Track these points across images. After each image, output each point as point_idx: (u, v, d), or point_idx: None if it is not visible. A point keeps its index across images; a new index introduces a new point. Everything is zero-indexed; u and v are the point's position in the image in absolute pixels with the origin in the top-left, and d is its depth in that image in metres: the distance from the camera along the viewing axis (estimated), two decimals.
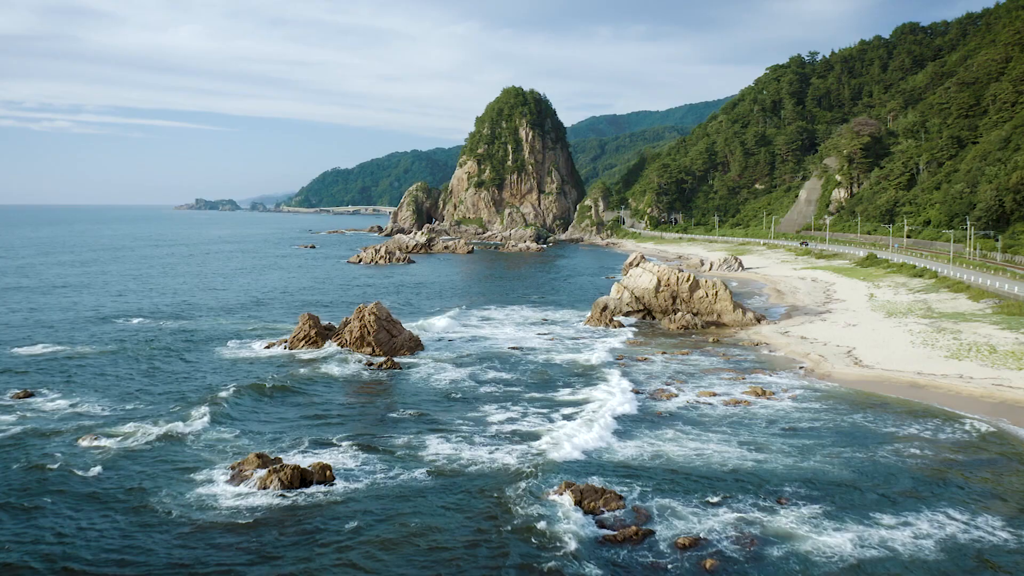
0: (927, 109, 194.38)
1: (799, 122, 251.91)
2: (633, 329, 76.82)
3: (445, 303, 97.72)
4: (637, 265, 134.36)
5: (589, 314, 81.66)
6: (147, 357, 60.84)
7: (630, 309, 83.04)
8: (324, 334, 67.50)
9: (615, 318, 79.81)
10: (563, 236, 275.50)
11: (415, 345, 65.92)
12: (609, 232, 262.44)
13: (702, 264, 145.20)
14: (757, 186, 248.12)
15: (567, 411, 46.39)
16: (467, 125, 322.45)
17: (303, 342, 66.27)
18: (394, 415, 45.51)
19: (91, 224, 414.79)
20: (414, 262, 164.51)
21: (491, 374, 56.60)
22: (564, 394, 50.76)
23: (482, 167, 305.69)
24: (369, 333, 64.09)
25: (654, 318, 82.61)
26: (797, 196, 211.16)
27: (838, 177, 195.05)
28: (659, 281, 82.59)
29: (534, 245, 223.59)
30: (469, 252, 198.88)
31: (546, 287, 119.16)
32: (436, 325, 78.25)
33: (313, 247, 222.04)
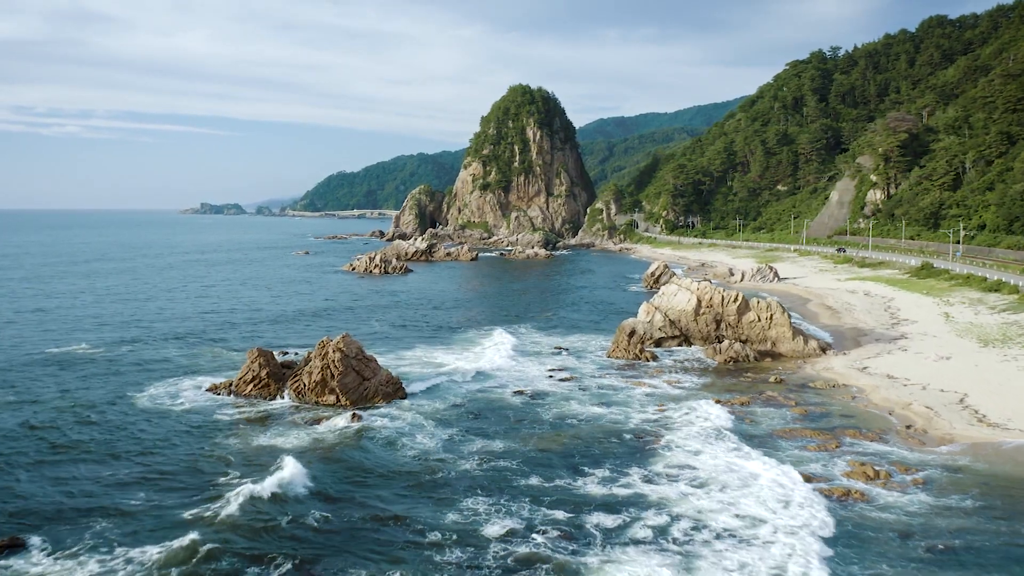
0: (969, 103, 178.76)
1: (823, 120, 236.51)
2: (669, 363, 61.91)
3: (440, 326, 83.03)
4: (661, 275, 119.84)
5: (613, 341, 66.79)
6: (38, 412, 46.14)
7: (663, 335, 68.00)
8: (279, 374, 52.89)
9: (646, 347, 64.88)
10: (573, 241, 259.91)
11: (393, 390, 51.19)
12: (622, 237, 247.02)
13: (731, 274, 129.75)
14: (779, 187, 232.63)
15: (603, 519, 31.20)
16: (473, 128, 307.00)
17: (251, 385, 51.75)
18: (343, 528, 30.65)
19: (88, 229, 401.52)
20: (412, 271, 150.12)
21: (488, 442, 41.58)
22: (595, 482, 35.54)
23: (487, 169, 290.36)
24: (333, 376, 49.44)
25: (691, 345, 67.75)
26: (827, 198, 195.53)
27: (873, 177, 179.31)
28: (699, 301, 67.59)
29: (542, 251, 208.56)
30: (473, 260, 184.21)
31: (558, 303, 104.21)
32: (423, 358, 63.49)
33: (307, 253, 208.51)
